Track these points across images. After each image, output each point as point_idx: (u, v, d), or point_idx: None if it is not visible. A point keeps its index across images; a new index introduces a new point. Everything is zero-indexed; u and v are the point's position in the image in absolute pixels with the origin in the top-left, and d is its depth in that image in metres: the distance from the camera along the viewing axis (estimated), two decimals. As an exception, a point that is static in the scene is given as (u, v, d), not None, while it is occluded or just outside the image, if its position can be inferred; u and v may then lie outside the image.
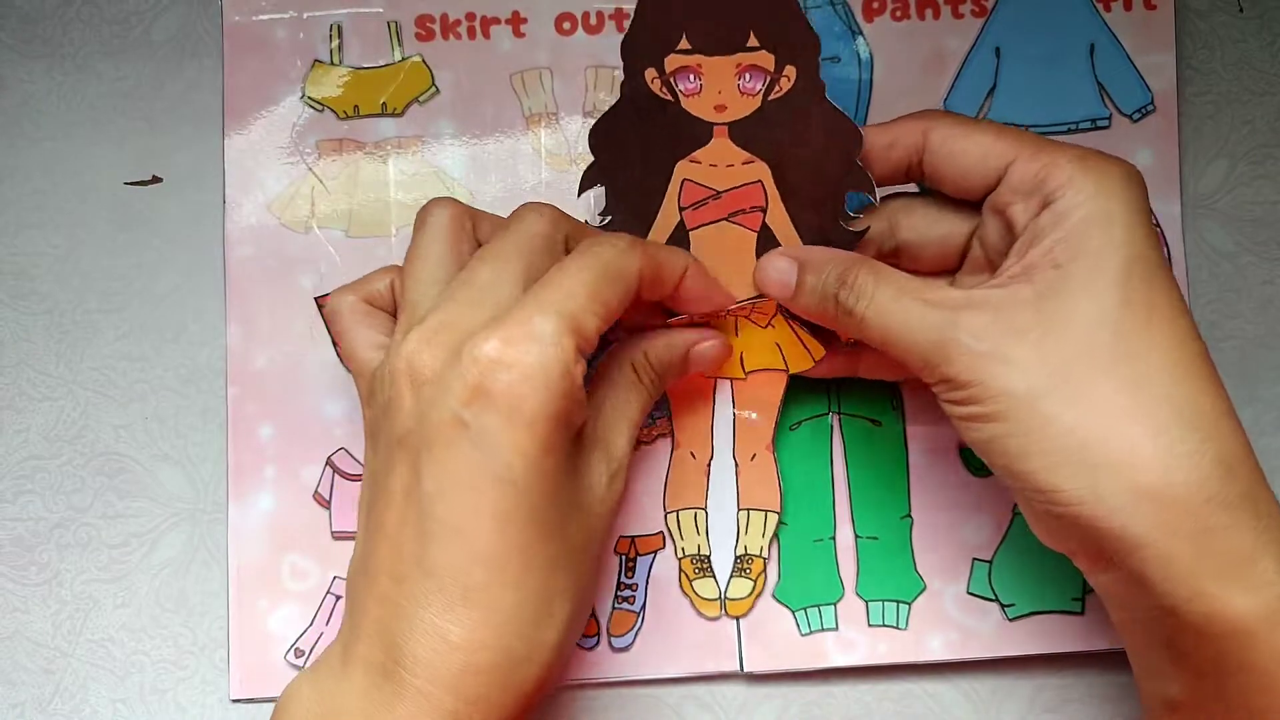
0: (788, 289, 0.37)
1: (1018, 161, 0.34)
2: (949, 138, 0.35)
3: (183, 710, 0.41)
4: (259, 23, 0.43)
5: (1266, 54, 0.44)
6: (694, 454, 0.40)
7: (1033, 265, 0.33)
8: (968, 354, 0.32)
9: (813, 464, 0.42)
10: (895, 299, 0.34)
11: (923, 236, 0.37)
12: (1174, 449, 0.30)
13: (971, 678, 0.42)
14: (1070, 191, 0.32)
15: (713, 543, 0.40)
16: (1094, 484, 0.31)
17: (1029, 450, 0.31)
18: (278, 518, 0.41)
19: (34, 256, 0.43)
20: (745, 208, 0.38)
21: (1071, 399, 0.31)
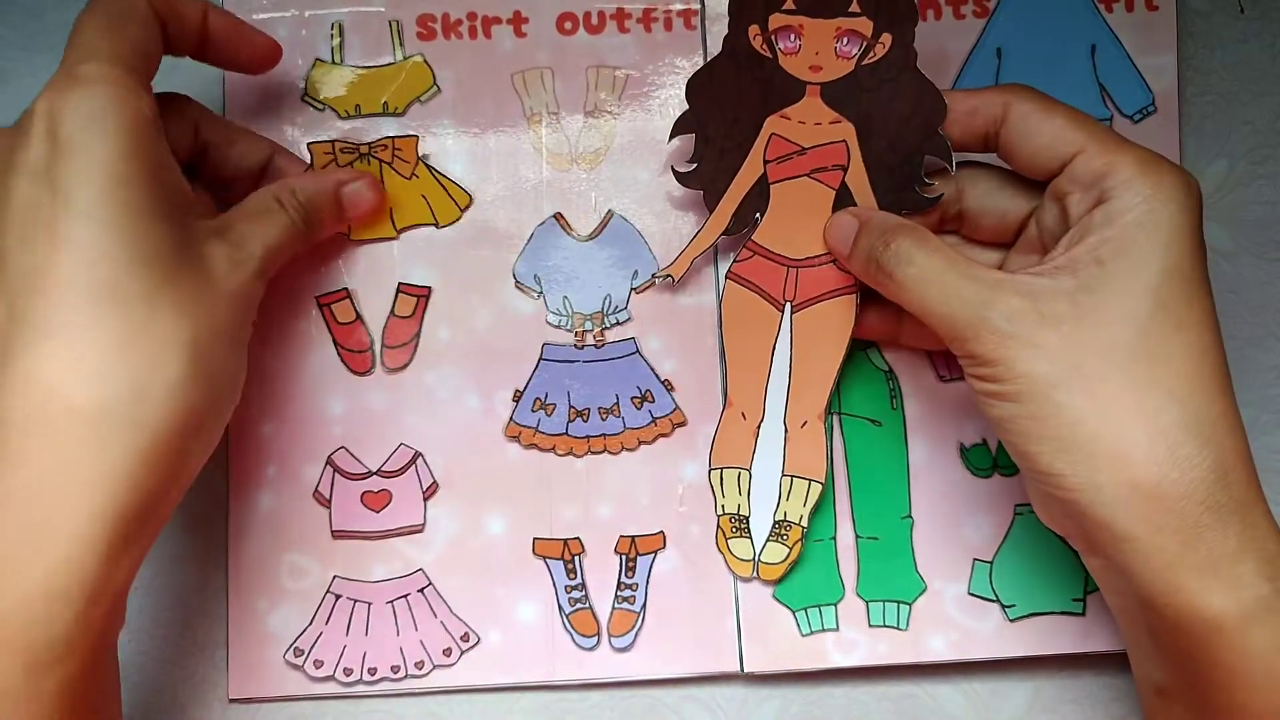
0: (845, 246, 0.38)
1: (1084, 154, 0.35)
2: (1028, 115, 0.36)
3: (183, 710, 0.41)
4: (260, 21, 0.43)
5: (1267, 55, 0.44)
6: (745, 415, 0.41)
7: (1077, 259, 0.34)
8: (997, 334, 0.33)
9: (813, 464, 0.42)
10: (935, 269, 0.35)
11: (985, 207, 0.38)
12: (1173, 451, 0.32)
13: (972, 678, 0.42)
14: (1126, 193, 0.33)
15: (753, 504, 0.40)
16: (1092, 474, 0.32)
17: (1039, 434, 0.33)
18: (278, 517, 0.41)
19: (34, 255, 0.43)
20: (827, 166, 0.39)
21: (1085, 391, 0.32)
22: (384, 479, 0.41)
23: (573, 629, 0.41)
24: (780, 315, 0.40)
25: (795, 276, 0.40)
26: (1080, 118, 0.35)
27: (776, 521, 0.40)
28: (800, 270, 0.40)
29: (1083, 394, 0.32)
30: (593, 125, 0.43)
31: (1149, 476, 0.31)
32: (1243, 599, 0.31)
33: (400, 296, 0.42)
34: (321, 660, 0.40)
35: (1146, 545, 0.31)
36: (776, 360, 0.40)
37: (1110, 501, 0.32)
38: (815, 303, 0.40)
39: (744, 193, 0.40)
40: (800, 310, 0.40)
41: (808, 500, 0.40)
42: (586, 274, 0.42)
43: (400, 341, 0.42)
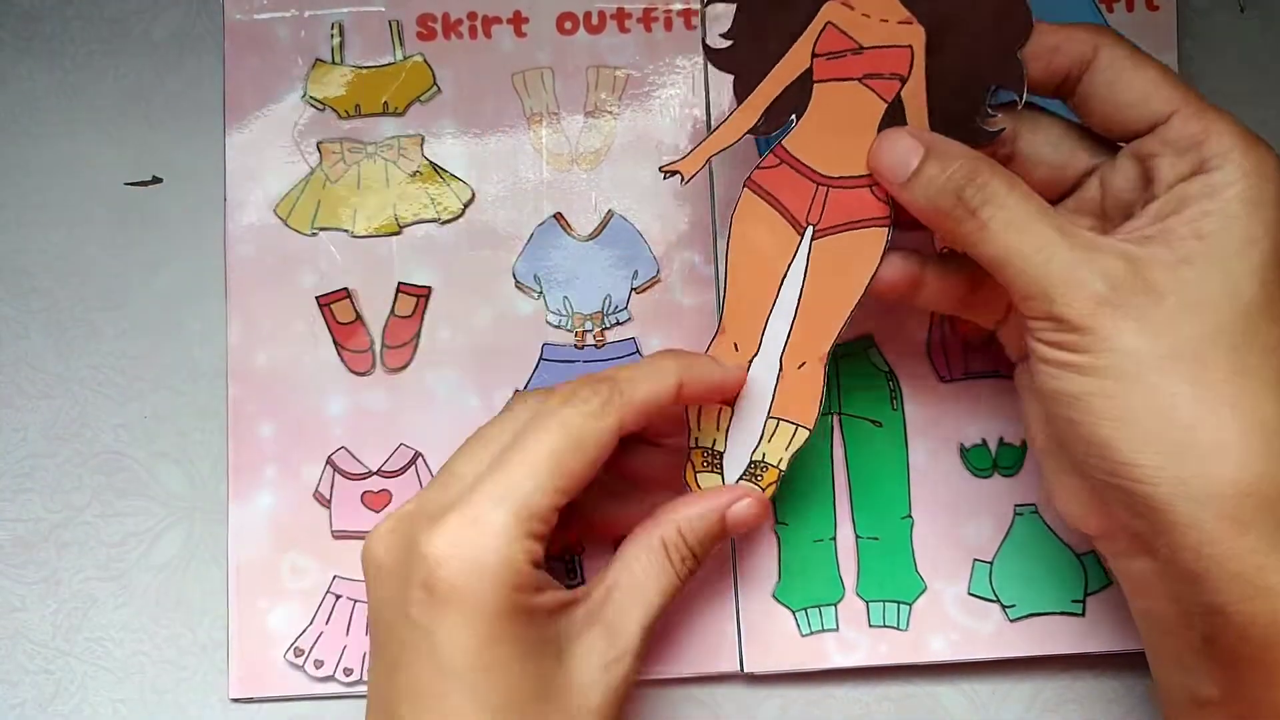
0: (905, 171, 0.33)
1: (1179, 115, 0.32)
2: (1119, 62, 0.32)
3: (183, 710, 0.41)
4: (260, 21, 0.43)
5: (1267, 54, 0.44)
6: (737, 346, 0.36)
7: (1171, 230, 0.31)
8: (1094, 298, 0.30)
9: (813, 464, 0.42)
10: (1029, 215, 0.31)
11: (1040, 155, 0.34)
12: (1268, 445, 0.29)
13: (972, 679, 0.41)
14: (1229, 166, 0.31)
15: (730, 440, 0.37)
16: (1180, 469, 0.29)
17: (1121, 416, 0.30)
18: (278, 517, 0.41)
19: (33, 254, 0.43)
20: (884, 73, 0.34)
21: (1183, 375, 0.30)
22: (384, 479, 0.41)
23: (573, 629, 0.41)
24: (799, 239, 0.35)
25: (824, 196, 0.35)
26: (1173, 75, 0.32)
27: (754, 461, 0.37)
28: (831, 190, 0.35)
29: (1180, 378, 0.29)
30: (593, 125, 0.43)
31: (1246, 475, 0.29)
32: None
33: (400, 296, 0.42)
34: (322, 660, 0.40)
35: (1230, 549, 0.29)
36: (785, 290, 0.36)
37: (1198, 499, 0.29)
38: (841, 230, 0.35)
39: (782, 87, 0.34)
40: (822, 236, 0.35)
41: (791, 444, 0.37)
42: (586, 274, 0.42)
43: (400, 341, 0.42)
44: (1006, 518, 0.41)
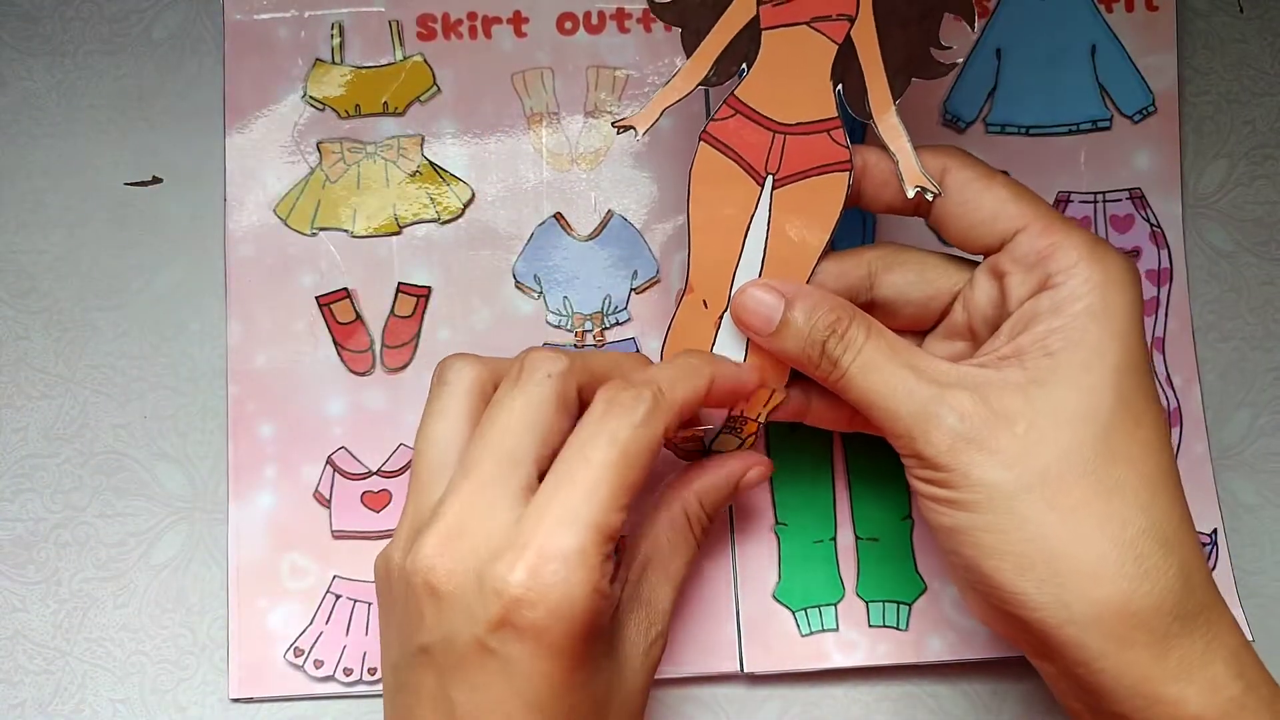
0: (770, 324, 0.34)
1: (1026, 232, 0.32)
2: (966, 183, 0.33)
3: (183, 710, 0.41)
4: (260, 21, 0.43)
5: (1267, 54, 0.44)
6: (706, 302, 0.36)
7: (1023, 349, 0.32)
8: (950, 435, 0.31)
9: (813, 465, 0.42)
10: (885, 360, 0.32)
11: (903, 295, 0.35)
12: (1141, 563, 0.30)
13: (972, 679, 0.41)
14: (1074, 280, 0.31)
15: None
16: (1060, 593, 0.30)
17: (999, 549, 0.30)
18: (278, 517, 0.41)
19: (33, 255, 0.43)
20: (831, 14, 0.34)
21: (1050, 502, 0.30)
22: (384, 479, 0.41)
23: (573, 629, 0.41)
24: (759, 189, 0.35)
25: (782, 144, 0.34)
26: (1021, 190, 0.33)
27: (732, 415, 0.37)
28: (789, 137, 0.34)
29: (1046, 504, 0.30)
30: (593, 125, 0.43)
31: (1120, 593, 0.30)
32: (1217, 701, 0.30)
33: (400, 296, 0.42)
34: (322, 660, 0.40)
35: (1118, 662, 0.30)
36: (749, 242, 0.35)
37: (1080, 621, 0.30)
38: (802, 178, 0.35)
39: (730, 36, 0.34)
40: (783, 185, 0.35)
41: (769, 403, 0.36)
42: (586, 274, 0.42)
43: (400, 341, 0.42)
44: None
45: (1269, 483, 0.43)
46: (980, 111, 0.43)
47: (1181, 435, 0.42)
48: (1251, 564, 0.42)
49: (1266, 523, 0.42)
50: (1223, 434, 0.43)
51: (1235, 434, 0.43)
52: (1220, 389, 0.43)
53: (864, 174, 0.34)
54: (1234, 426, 0.43)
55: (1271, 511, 0.43)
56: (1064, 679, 0.32)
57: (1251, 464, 0.43)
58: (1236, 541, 0.42)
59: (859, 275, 0.35)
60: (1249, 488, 0.43)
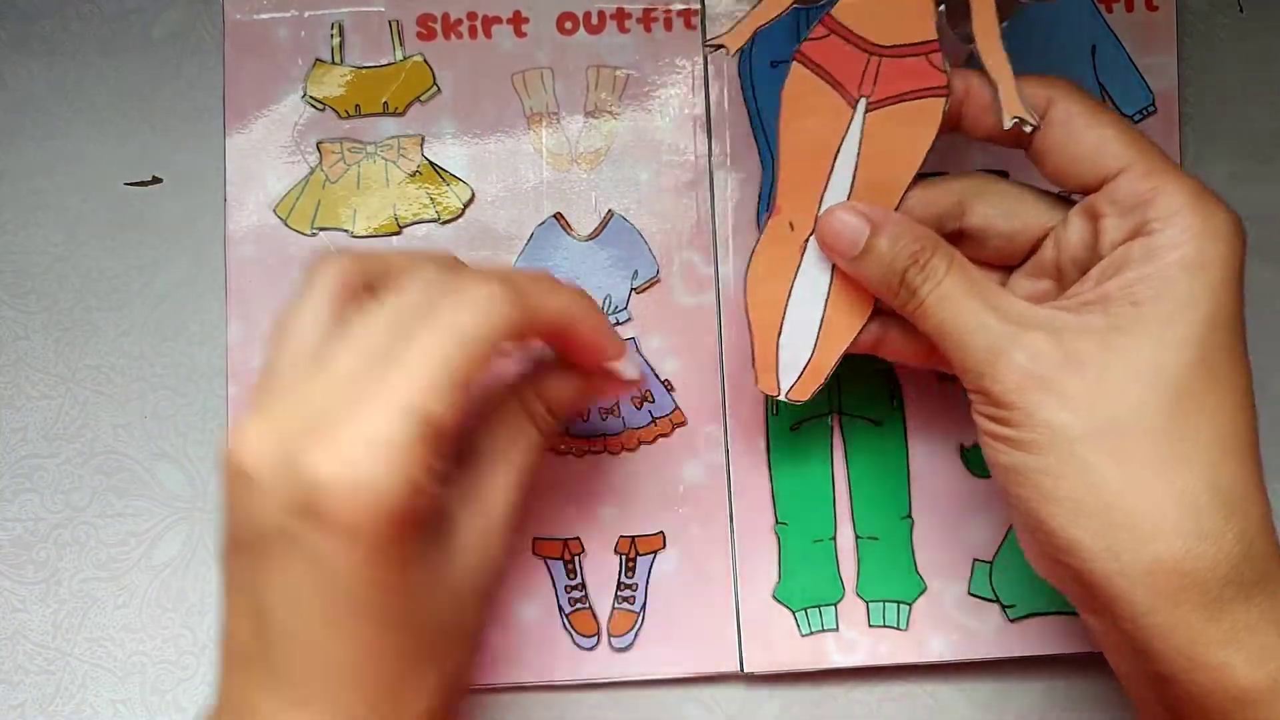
0: (854, 248, 0.33)
1: (1127, 173, 0.31)
2: (1073, 117, 0.32)
3: (182, 710, 0.41)
4: (260, 21, 0.43)
5: (1267, 54, 0.44)
6: (793, 225, 0.35)
7: (1109, 295, 0.31)
8: (1019, 373, 0.30)
9: (813, 464, 0.42)
10: (963, 293, 0.32)
11: (992, 225, 0.34)
12: (1200, 525, 0.29)
13: (972, 679, 0.41)
14: (1172, 228, 0.30)
15: (788, 324, 0.36)
16: (1113, 544, 0.29)
17: (1055, 493, 0.30)
18: (278, 517, 0.41)
19: (33, 255, 0.43)
20: None
21: (1113, 451, 0.29)
22: (384, 479, 0.41)
23: (572, 629, 0.41)
24: (852, 112, 0.34)
25: (877, 67, 0.33)
26: (1129, 130, 0.32)
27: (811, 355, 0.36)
28: (884, 59, 0.33)
29: (1108, 453, 0.29)
30: (593, 125, 0.43)
31: (1174, 551, 0.29)
32: (1270, 670, 0.29)
33: (400, 296, 0.42)
34: (321, 660, 0.40)
35: (1167, 620, 0.29)
36: (839, 165, 0.34)
37: (1130, 574, 0.29)
38: (896, 102, 0.34)
39: None
40: (876, 109, 0.34)
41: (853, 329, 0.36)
42: (586, 274, 0.42)
43: (400, 341, 0.42)
44: (1006, 518, 0.41)
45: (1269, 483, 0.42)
46: (980, 111, 0.43)
47: (1182, 435, 0.42)
48: (1251, 564, 0.42)
49: (1266, 523, 0.42)
50: (1223, 434, 0.43)
51: (1235, 434, 0.43)
52: (1220, 389, 0.43)
53: (964, 99, 0.33)
54: (1234, 426, 0.43)
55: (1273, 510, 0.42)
56: (1111, 636, 0.31)
57: (1251, 464, 0.43)
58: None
59: (949, 203, 0.34)
60: (1249, 488, 0.43)
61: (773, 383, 0.36)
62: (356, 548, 0.27)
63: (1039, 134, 0.33)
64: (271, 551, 0.28)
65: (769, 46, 0.43)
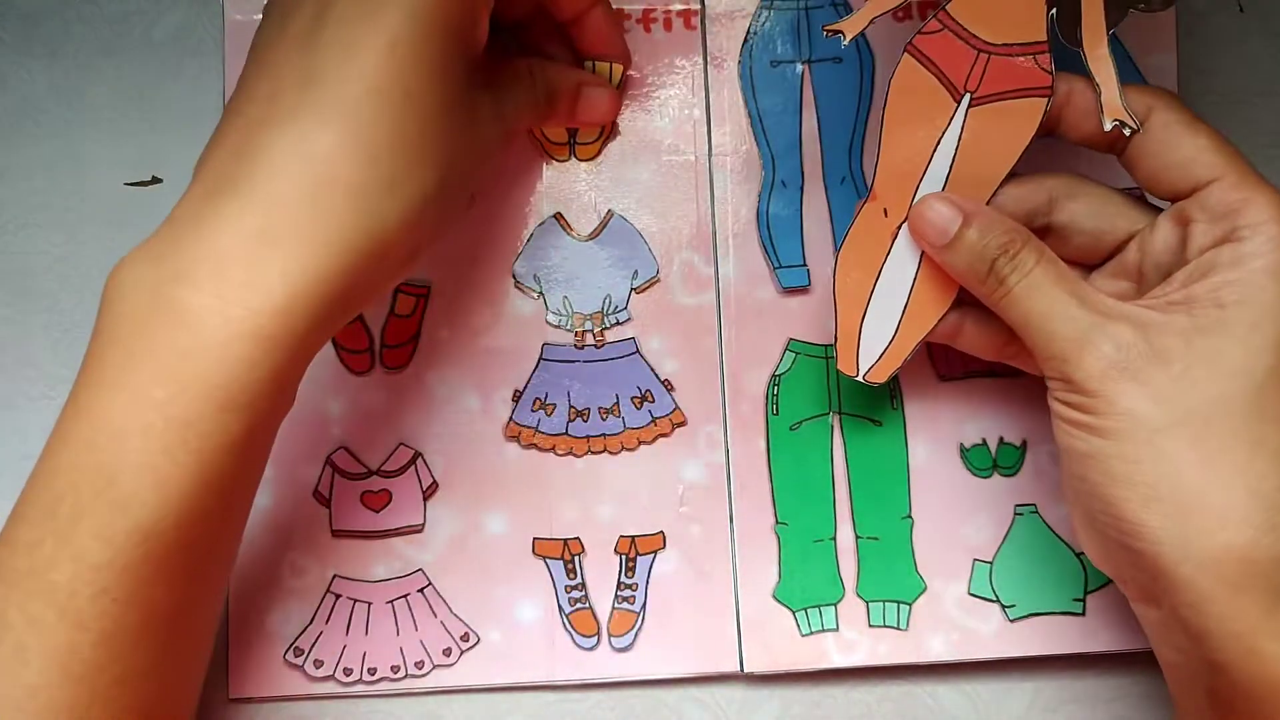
0: (945, 236, 0.35)
1: (1220, 182, 0.32)
2: (1170, 125, 0.33)
3: (182, 710, 0.41)
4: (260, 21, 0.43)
5: (1267, 54, 0.44)
6: (887, 211, 0.36)
7: (1195, 297, 0.32)
8: (1104, 361, 0.31)
9: (813, 464, 0.42)
10: (1051, 284, 0.33)
11: (1078, 224, 0.35)
12: (1271, 516, 0.30)
13: (972, 679, 0.41)
14: (1260, 237, 0.31)
15: (872, 308, 0.37)
16: (1182, 530, 0.30)
17: (1130, 478, 0.31)
18: (277, 515, 0.41)
19: (34, 255, 0.43)
20: None
21: (1191, 441, 0.31)
22: (384, 479, 0.41)
23: (573, 629, 0.41)
24: (955, 106, 0.35)
25: (985, 63, 0.35)
26: (1223, 143, 0.33)
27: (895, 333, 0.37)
28: (993, 57, 0.35)
29: (1186, 443, 0.30)
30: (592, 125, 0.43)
31: (1243, 540, 0.30)
32: None
33: (400, 296, 0.42)
34: (321, 660, 0.40)
35: (1227, 609, 0.30)
36: (937, 156, 0.36)
37: (1197, 560, 0.30)
38: (999, 99, 0.35)
39: None
40: (980, 105, 0.35)
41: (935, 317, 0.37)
42: (586, 274, 0.42)
43: (400, 341, 0.42)
44: (1006, 518, 0.41)
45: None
46: (980, 111, 0.43)
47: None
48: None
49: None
50: (1223, 434, 0.43)
51: (1236, 434, 0.43)
52: (1220, 389, 0.43)
53: (1066, 102, 0.35)
54: (1234, 426, 0.43)
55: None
56: (1166, 624, 0.32)
57: (1252, 464, 0.43)
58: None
59: (1039, 200, 0.36)
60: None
61: (852, 363, 0.38)
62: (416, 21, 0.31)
63: (1136, 140, 0.34)
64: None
65: (769, 47, 0.43)
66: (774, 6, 0.43)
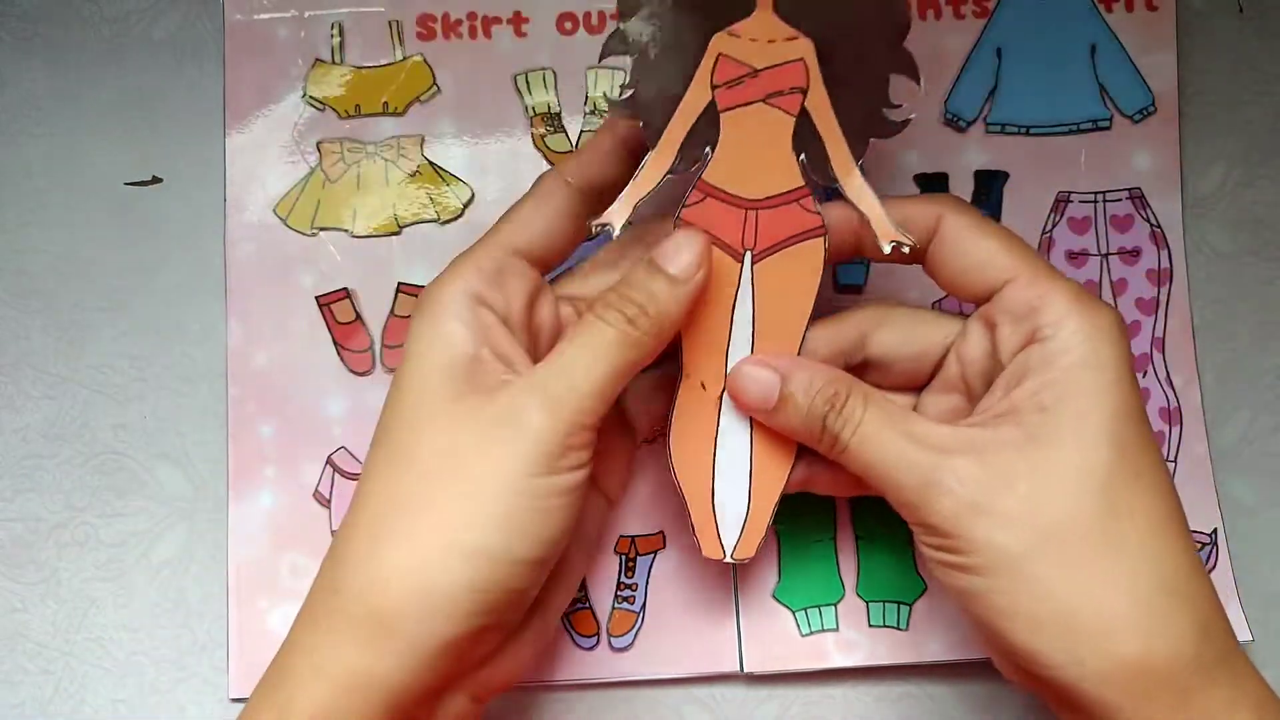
0: (769, 401, 0.34)
1: (1015, 283, 0.33)
2: (960, 231, 0.34)
3: (182, 710, 0.41)
4: (260, 21, 0.43)
5: (1266, 54, 0.44)
6: (705, 385, 0.36)
7: (1018, 405, 0.32)
8: (952, 500, 0.31)
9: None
10: (884, 430, 0.32)
11: (895, 352, 0.36)
12: (1154, 617, 0.30)
13: (972, 679, 0.41)
14: (1063, 333, 0.31)
15: (719, 484, 0.37)
16: (1074, 650, 0.30)
17: (1011, 609, 0.30)
18: (278, 516, 0.41)
19: (34, 255, 0.43)
20: (784, 89, 0.34)
21: (1057, 561, 0.30)
22: (384, 479, 0.41)
23: (572, 628, 0.41)
24: (739, 266, 0.35)
25: (755, 220, 0.35)
26: (1013, 242, 0.33)
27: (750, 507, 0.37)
28: (760, 212, 0.35)
29: (1052, 564, 0.30)
30: (593, 125, 0.43)
31: (1135, 649, 0.30)
32: None
33: (400, 296, 0.42)
34: (321, 660, 0.40)
35: (1139, 717, 0.30)
36: (737, 320, 0.36)
37: (1094, 677, 0.30)
38: (779, 249, 0.35)
39: (690, 123, 0.34)
40: (762, 259, 0.35)
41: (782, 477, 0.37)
42: (586, 274, 0.42)
43: (400, 341, 0.42)
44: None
45: (1269, 483, 0.43)
46: (981, 111, 0.43)
47: (1181, 435, 0.42)
48: (1251, 564, 0.42)
49: (1266, 523, 0.42)
50: (1222, 434, 0.43)
51: (1235, 434, 0.43)
52: (1220, 389, 0.43)
53: (860, 228, 0.35)
54: (1233, 426, 0.43)
55: (1271, 511, 0.43)
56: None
57: (1251, 464, 0.43)
58: (1236, 541, 0.42)
59: (850, 339, 0.36)
60: (1249, 488, 0.43)
61: (716, 547, 0.37)
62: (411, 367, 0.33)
63: (932, 249, 0.34)
64: None
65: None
66: (774, 6, 0.43)
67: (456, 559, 0.30)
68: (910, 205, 0.35)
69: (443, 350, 0.32)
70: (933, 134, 0.43)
